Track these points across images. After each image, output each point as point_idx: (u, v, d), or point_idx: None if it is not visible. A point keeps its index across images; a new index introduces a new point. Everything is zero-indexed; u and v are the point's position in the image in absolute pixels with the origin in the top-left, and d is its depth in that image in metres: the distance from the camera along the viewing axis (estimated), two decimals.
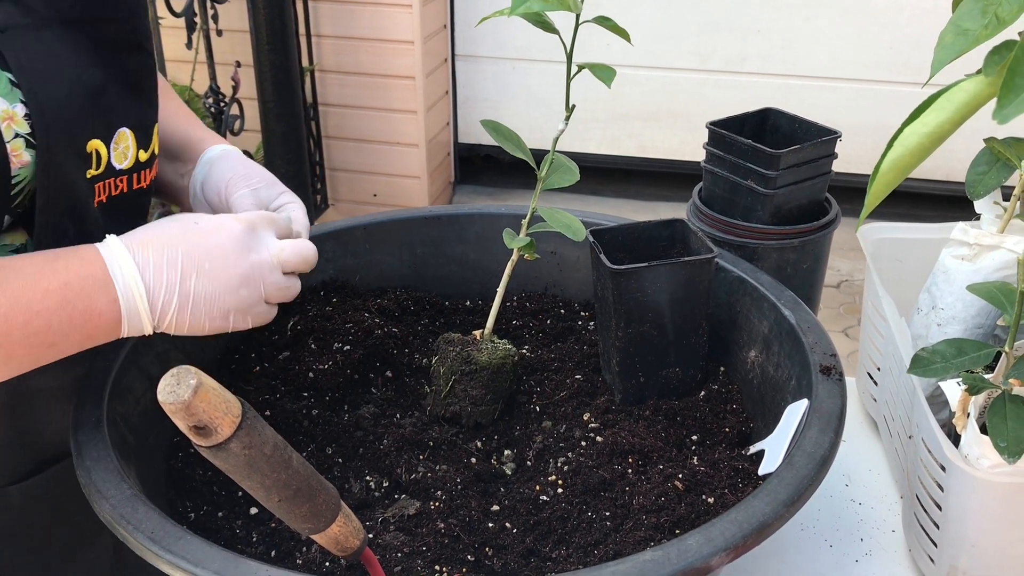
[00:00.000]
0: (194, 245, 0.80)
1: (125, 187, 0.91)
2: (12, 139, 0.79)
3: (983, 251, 1.01)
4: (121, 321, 0.79)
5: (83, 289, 0.77)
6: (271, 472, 0.63)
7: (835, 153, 1.16)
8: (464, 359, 0.94)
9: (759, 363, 0.97)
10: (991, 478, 0.82)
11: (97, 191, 0.88)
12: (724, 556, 0.68)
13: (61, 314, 0.77)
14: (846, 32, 3.34)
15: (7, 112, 0.78)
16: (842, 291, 3.14)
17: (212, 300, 0.81)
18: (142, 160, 0.92)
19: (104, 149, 0.87)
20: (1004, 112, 0.58)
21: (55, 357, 0.80)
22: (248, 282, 0.82)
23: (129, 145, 0.90)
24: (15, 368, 0.78)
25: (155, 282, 0.79)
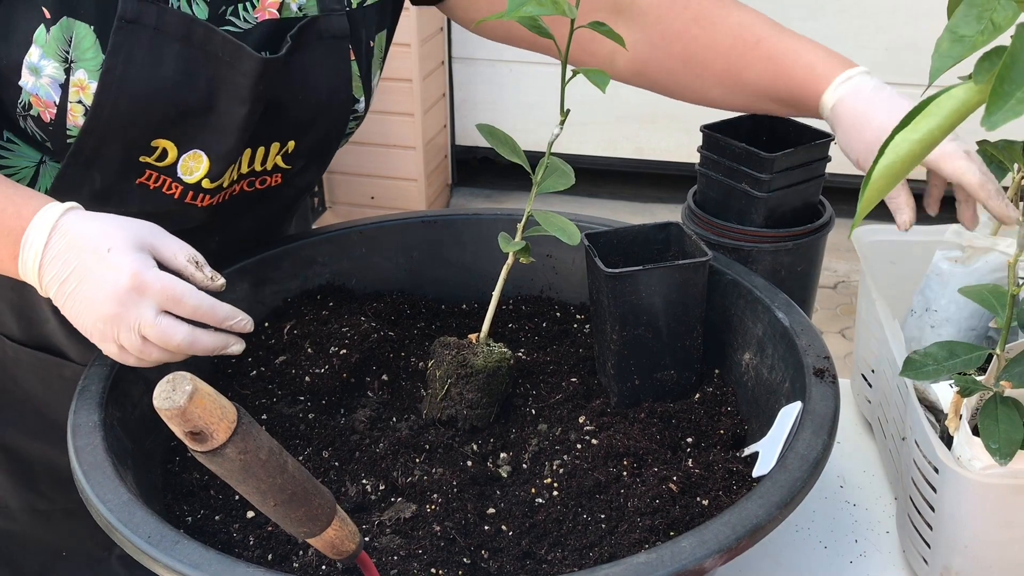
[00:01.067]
0: (87, 273, 0.83)
1: (178, 194, 0.98)
2: (75, 102, 0.91)
3: (976, 253, 1.02)
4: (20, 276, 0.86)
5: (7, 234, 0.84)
6: (267, 477, 0.64)
7: (829, 156, 1.17)
8: (460, 363, 0.95)
9: (753, 366, 0.98)
10: (983, 480, 0.82)
11: (148, 175, 0.96)
12: (718, 558, 0.69)
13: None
14: (842, 33, 3.34)
15: (83, 82, 0.90)
16: (839, 292, 3.15)
17: (78, 315, 0.84)
18: (204, 186, 0.98)
19: (174, 151, 0.95)
20: (992, 119, 0.59)
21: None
22: (105, 322, 0.83)
23: (200, 166, 0.97)
24: None
25: (45, 272, 0.84)
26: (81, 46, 0.89)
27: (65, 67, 0.89)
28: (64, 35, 0.88)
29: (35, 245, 0.84)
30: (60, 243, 0.84)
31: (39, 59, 0.89)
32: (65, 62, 0.89)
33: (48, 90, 0.90)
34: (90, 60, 0.89)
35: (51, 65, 0.89)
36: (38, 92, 0.90)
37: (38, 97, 0.90)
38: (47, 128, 0.92)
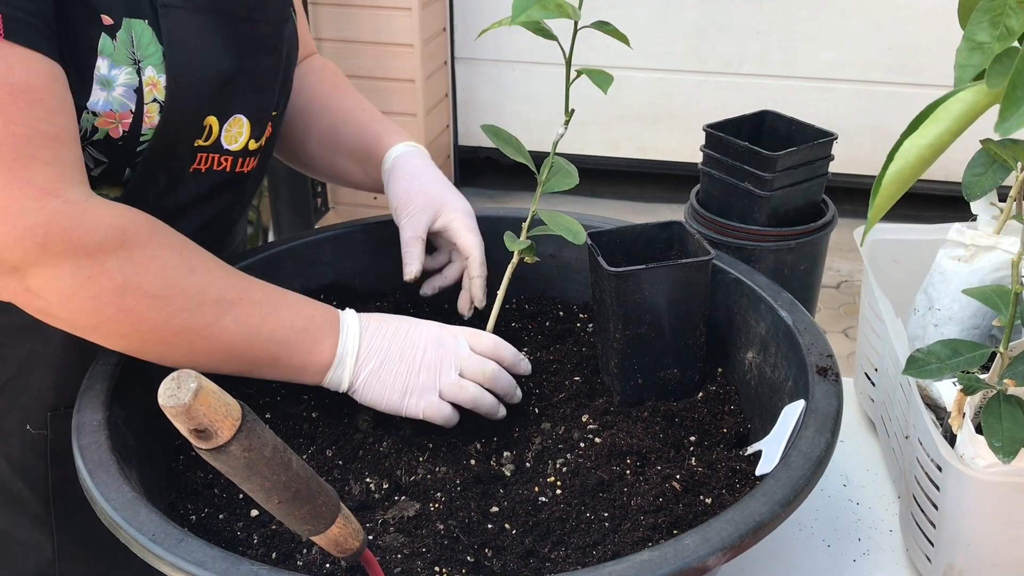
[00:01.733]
0: (403, 330, 0.93)
1: (228, 166, 0.99)
2: (150, 102, 0.89)
3: (979, 252, 1.02)
4: (333, 363, 0.91)
5: (322, 327, 0.91)
6: (271, 474, 0.64)
7: (831, 155, 1.17)
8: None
9: (756, 364, 0.98)
10: (987, 478, 0.82)
11: (199, 159, 0.96)
12: (721, 556, 0.69)
13: (299, 336, 0.89)
14: (844, 33, 3.34)
15: (153, 79, 0.89)
16: (842, 292, 3.15)
17: (397, 373, 0.91)
18: (251, 148, 1.01)
19: (217, 126, 0.96)
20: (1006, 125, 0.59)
21: (270, 373, 0.91)
22: (427, 369, 0.92)
23: (242, 131, 0.99)
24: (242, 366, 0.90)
25: (365, 343, 0.92)
26: (142, 43, 0.88)
27: (136, 68, 0.88)
28: (129, 36, 0.88)
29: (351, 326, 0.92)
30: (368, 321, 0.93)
31: (109, 70, 0.87)
32: (135, 63, 0.88)
33: (123, 100, 0.88)
34: (153, 55, 0.89)
35: (124, 72, 0.87)
36: (111, 107, 0.87)
37: (111, 112, 0.88)
38: (115, 145, 0.89)
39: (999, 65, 0.60)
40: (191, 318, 0.85)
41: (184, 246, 0.87)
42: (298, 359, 0.90)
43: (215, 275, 0.87)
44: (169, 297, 0.84)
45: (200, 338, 0.86)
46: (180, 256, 0.86)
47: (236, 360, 0.89)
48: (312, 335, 0.90)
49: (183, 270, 0.85)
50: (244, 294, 0.88)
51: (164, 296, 0.84)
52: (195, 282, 0.85)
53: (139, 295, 0.83)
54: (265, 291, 0.90)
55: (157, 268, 0.84)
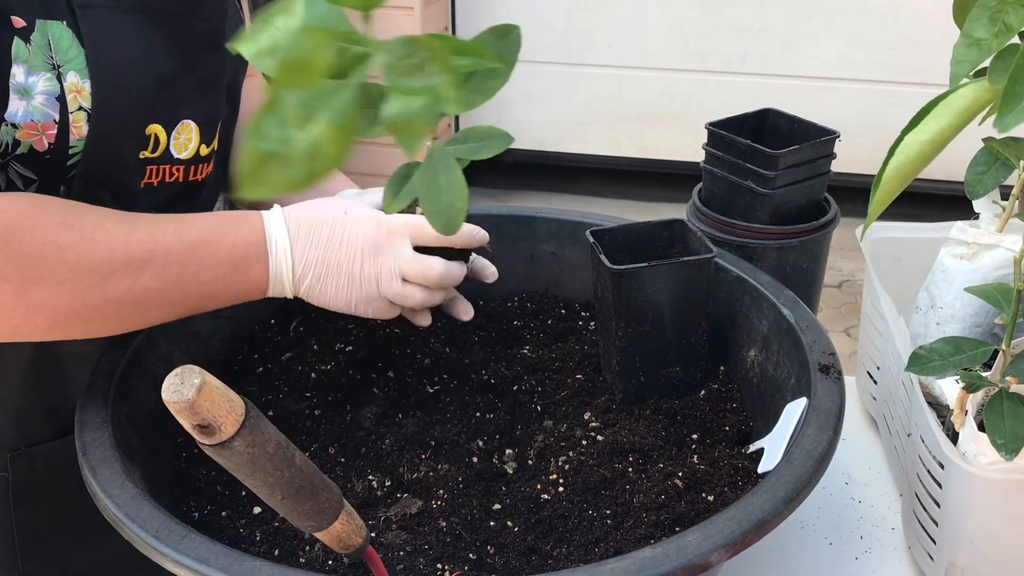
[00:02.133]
0: (336, 235, 0.88)
1: (181, 176, 0.95)
2: (76, 111, 0.84)
3: (981, 250, 1.02)
4: (269, 284, 0.88)
5: (246, 252, 0.87)
6: (274, 470, 0.64)
7: (834, 153, 1.17)
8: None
9: (759, 362, 0.98)
10: (989, 475, 0.83)
11: (149, 172, 0.92)
12: (723, 553, 0.69)
13: (225, 269, 0.86)
14: (846, 32, 3.34)
15: (77, 85, 0.84)
16: (844, 291, 3.15)
17: (339, 286, 0.89)
18: (202, 154, 0.96)
19: (164, 135, 0.92)
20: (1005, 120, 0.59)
21: (211, 306, 0.89)
22: (368, 280, 0.89)
23: (191, 137, 0.94)
24: (178, 312, 0.88)
25: (298, 257, 0.88)
26: (61, 47, 0.82)
27: (56, 75, 0.82)
28: (45, 40, 0.81)
29: (281, 240, 0.87)
30: (299, 227, 0.88)
31: (25, 77, 0.81)
32: (54, 69, 0.82)
33: (44, 109, 0.83)
34: (75, 59, 0.83)
35: (42, 79, 0.82)
36: (32, 117, 0.82)
37: (32, 123, 0.82)
38: (42, 159, 0.84)
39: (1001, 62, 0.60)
40: (106, 291, 0.81)
41: (76, 217, 0.81)
42: (232, 290, 0.87)
43: (116, 236, 0.82)
44: (75, 279, 0.79)
45: (125, 304, 0.83)
46: (72, 231, 0.80)
47: (172, 310, 0.86)
48: (239, 265, 0.87)
49: (81, 245, 0.80)
50: (153, 245, 0.83)
51: (70, 280, 0.79)
52: (97, 253, 0.80)
53: (42, 288, 0.78)
54: (176, 233, 0.85)
55: (51, 254, 0.78)
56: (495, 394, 1.02)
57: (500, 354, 1.07)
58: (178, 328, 0.99)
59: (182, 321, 0.99)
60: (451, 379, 1.03)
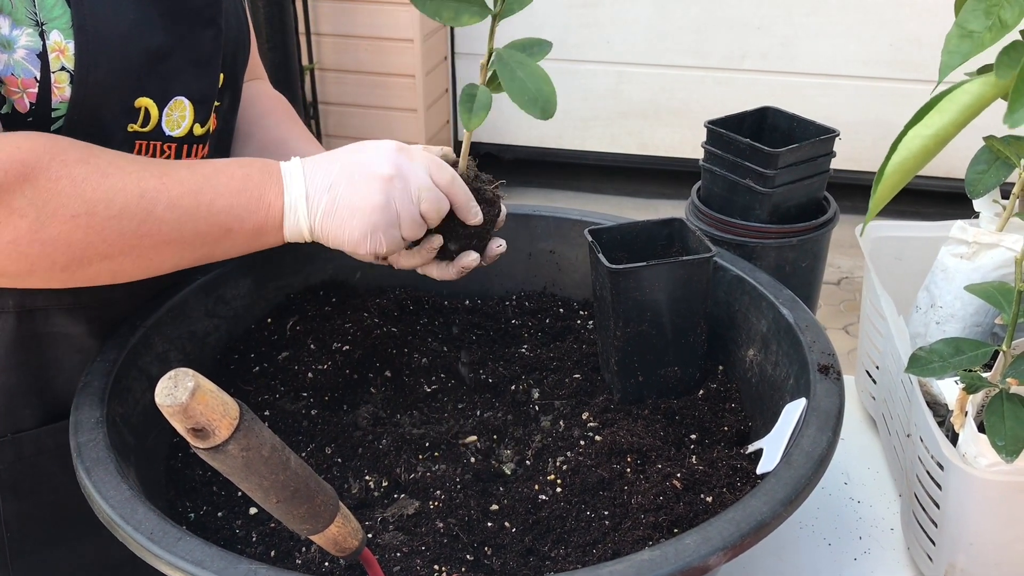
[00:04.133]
0: (351, 159, 0.88)
1: (173, 154, 0.94)
2: (58, 70, 0.83)
3: (982, 249, 1.01)
4: (284, 215, 0.87)
5: (260, 180, 0.87)
6: (269, 474, 0.63)
7: (833, 152, 1.16)
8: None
9: (757, 362, 0.97)
10: (989, 477, 0.82)
11: (138, 147, 0.91)
12: (722, 556, 0.68)
13: (239, 198, 0.86)
14: (846, 29, 3.33)
15: (59, 44, 0.83)
16: (842, 288, 3.14)
17: (355, 208, 0.86)
18: (196, 134, 0.95)
19: (155, 110, 0.90)
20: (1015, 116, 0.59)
21: (229, 246, 0.88)
22: (386, 196, 0.87)
23: (185, 115, 0.93)
24: (197, 251, 0.87)
25: (311, 183, 0.87)
26: (46, 3, 0.82)
27: (39, 31, 0.81)
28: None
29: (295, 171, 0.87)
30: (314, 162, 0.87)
31: (10, 29, 0.81)
32: (38, 25, 0.81)
33: (26, 64, 0.82)
34: (59, 17, 0.82)
35: (25, 34, 0.81)
36: (13, 71, 0.82)
37: (13, 78, 0.82)
38: (24, 121, 0.84)
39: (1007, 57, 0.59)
40: (121, 223, 0.81)
41: (92, 154, 0.82)
42: (250, 222, 0.86)
43: (129, 171, 0.83)
44: (90, 212, 0.80)
45: (141, 238, 0.83)
46: (88, 166, 0.81)
47: (189, 247, 0.86)
48: (253, 192, 0.86)
49: (95, 179, 0.81)
50: (166, 179, 0.84)
51: (84, 213, 0.80)
52: (111, 186, 0.81)
53: (57, 222, 0.79)
54: (189, 167, 0.86)
55: (66, 188, 0.79)
56: (493, 394, 1.01)
57: (498, 353, 1.07)
58: (174, 327, 0.98)
59: (178, 320, 0.99)
60: (448, 378, 1.03)
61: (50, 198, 0.79)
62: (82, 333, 0.95)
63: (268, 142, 1.10)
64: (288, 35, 3.07)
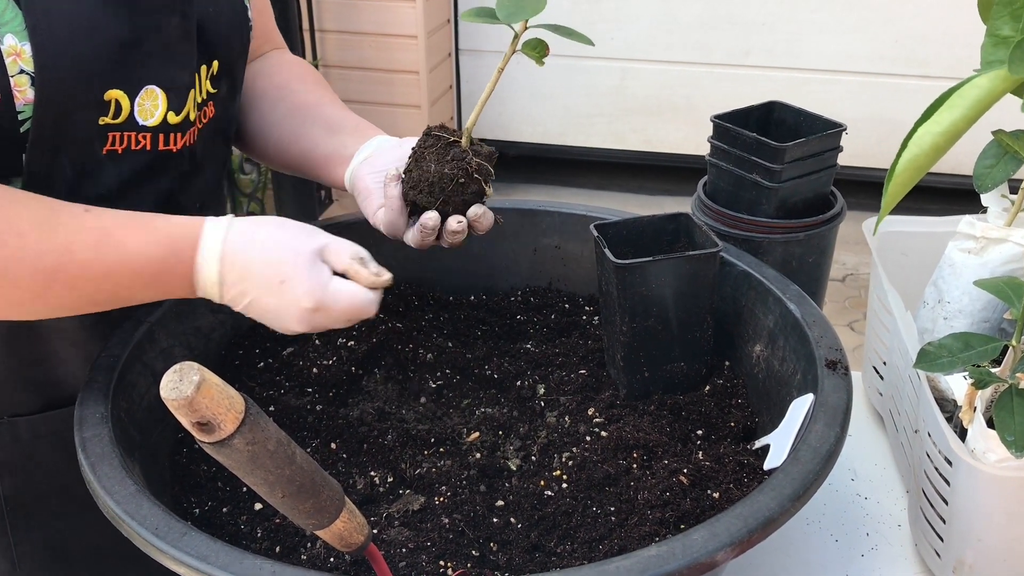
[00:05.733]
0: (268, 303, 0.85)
1: (148, 144, 0.92)
2: (17, 74, 0.81)
3: (990, 244, 1.01)
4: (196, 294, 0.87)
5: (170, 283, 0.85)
6: (275, 468, 0.63)
7: (840, 146, 1.16)
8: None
9: (764, 357, 0.97)
10: (998, 473, 0.82)
11: (112, 139, 0.89)
12: (729, 551, 0.68)
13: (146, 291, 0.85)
14: (851, 25, 3.32)
15: (14, 48, 0.81)
16: (847, 285, 3.13)
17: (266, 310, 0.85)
18: (171, 122, 0.93)
19: (126, 101, 0.89)
20: None
21: (129, 303, 0.88)
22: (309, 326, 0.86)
23: (157, 104, 0.91)
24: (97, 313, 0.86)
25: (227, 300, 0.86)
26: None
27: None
28: None
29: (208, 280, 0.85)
30: (233, 276, 0.85)
31: None
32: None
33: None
34: (11, 21, 0.80)
35: None
36: None
37: None
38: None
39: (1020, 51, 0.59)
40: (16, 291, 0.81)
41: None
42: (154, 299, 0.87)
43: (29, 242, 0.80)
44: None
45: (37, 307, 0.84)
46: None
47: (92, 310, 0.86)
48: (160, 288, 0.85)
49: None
50: (67, 258, 0.82)
51: None
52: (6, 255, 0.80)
53: None
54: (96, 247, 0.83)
55: None
56: (498, 389, 1.01)
57: (503, 349, 1.06)
58: (179, 323, 0.98)
59: (183, 316, 0.98)
60: (454, 374, 1.02)
61: None
62: (75, 327, 0.95)
63: (298, 106, 1.09)
64: (292, 31, 3.06)
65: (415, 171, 0.93)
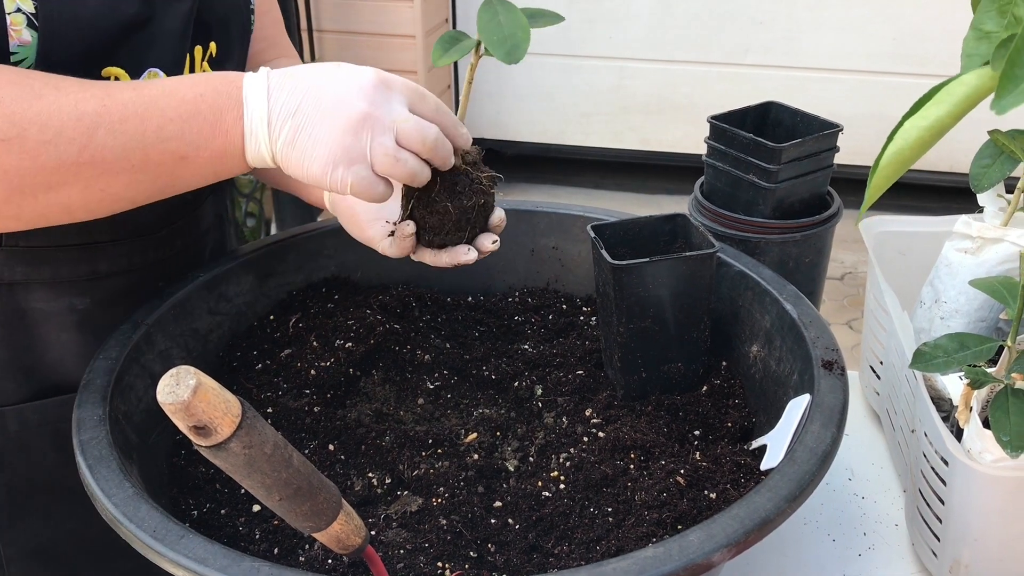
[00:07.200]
0: (323, 83, 0.78)
1: None
2: (13, 12, 0.79)
3: (986, 244, 1.01)
4: (245, 141, 0.79)
5: (216, 103, 0.78)
6: (271, 471, 0.63)
7: (837, 146, 1.16)
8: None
9: (761, 358, 0.97)
10: (994, 472, 0.82)
11: None
12: (726, 552, 0.68)
13: (192, 123, 0.78)
14: (849, 23, 3.32)
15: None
16: (846, 283, 3.14)
17: (317, 138, 0.77)
18: None
19: (126, 79, 0.86)
20: (1002, 103, 0.58)
21: (189, 176, 0.80)
22: (355, 131, 0.77)
23: None
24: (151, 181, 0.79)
25: (274, 105, 0.78)
26: None
27: None
28: None
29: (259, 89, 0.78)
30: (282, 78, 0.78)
31: None
32: None
33: None
34: None
35: None
36: None
37: None
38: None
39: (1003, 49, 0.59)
40: (58, 150, 0.75)
41: (26, 76, 0.76)
42: (206, 149, 0.78)
43: (66, 92, 0.76)
44: (21, 136, 0.74)
45: (82, 166, 0.76)
46: (19, 87, 0.75)
47: (142, 177, 0.79)
48: (207, 116, 0.78)
49: (26, 99, 0.74)
50: (109, 101, 0.76)
51: (16, 136, 0.74)
52: (43, 108, 0.75)
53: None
54: (136, 89, 0.78)
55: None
56: (496, 390, 1.01)
57: (501, 350, 1.06)
58: (176, 325, 0.98)
59: (180, 317, 0.99)
60: (451, 375, 1.02)
61: None
62: (64, 310, 0.94)
63: None
64: (291, 31, 3.06)
65: (431, 218, 0.85)
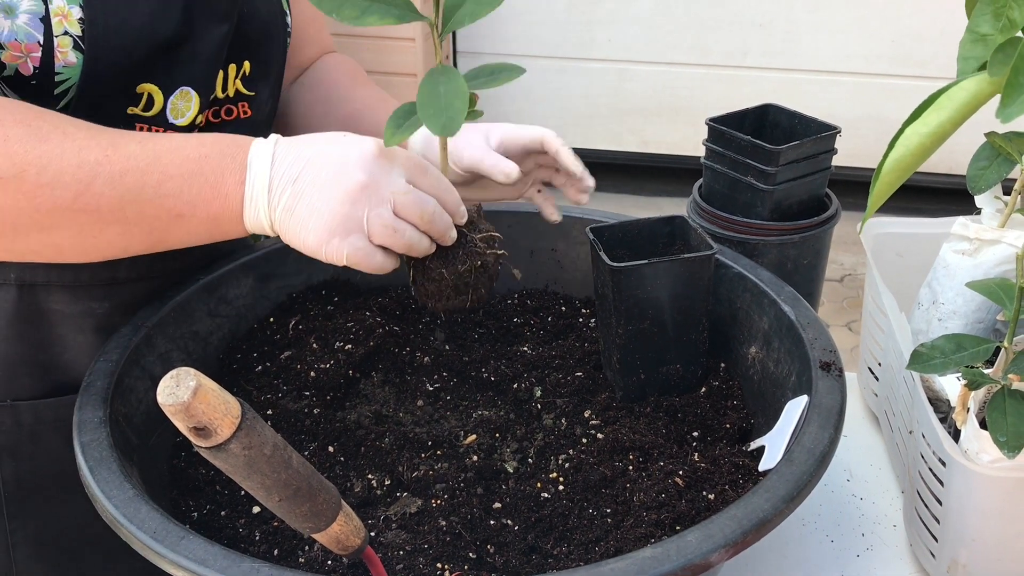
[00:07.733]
0: (326, 152, 0.79)
1: None
2: (61, 35, 0.81)
3: (984, 246, 1.01)
4: (244, 206, 0.80)
5: (220, 164, 0.80)
6: (271, 472, 0.64)
7: (835, 148, 1.16)
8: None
9: (759, 359, 0.97)
10: (991, 473, 0.82)
11: (137, 130, 0.88)
12: (724, 552, 0.68)
13: (193, 182, 0.79)
14: (847, 26, 3.33)
15: (63, 9, 0.81)
16: (845, 285, 3.14)
17: (315, 207, 0.78)
18: (199, 124, 0.94)
19: (160, 97, 0.89)
20: (1007, 111, 0.59)
21: (184, 234, 0.82)
22: (353, 200, 0.78)
23: (190, 105, 0.92)
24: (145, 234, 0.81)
25: (277, 172, 0.79)
26: None
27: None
28: None
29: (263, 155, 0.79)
30: (287, 146, 0.79)
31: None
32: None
33: (28, 29, 0.80)
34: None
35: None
36: (16, 36, 0.80)
37: (16, 43, 0.80)
38: (28, 83, 0.82)
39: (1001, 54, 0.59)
40: (54, 194, 0.76)
41: (36, 117, 0.77)
42: (204, 210, 0.79)
43: (72, 139, 0.77)
44: (19, 176, 0.75)
45: (77, 213, 0.77)
46: (26, 128, 0.76)
47: (136, 230, 0.80)
48: (208, 178, 0.79)
49: (30, 141, 0.76)
50: (112, 151, 0.78)
51: (13, 176, 0.75)
52: (46, 150, 0.76)
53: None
54: (141, 142, 0.79)
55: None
56: (495, 392, 1.01)
57: (500, 352, 1.07)
58: (176, 327, 0.98)
59: (180, 320, 0.99)
60: (451, 377, 1.03)
61: None
62: (83, 313, 0.95)
63: (344, 118, 1.08)
64: None
65: (429, 285, 0.86)
